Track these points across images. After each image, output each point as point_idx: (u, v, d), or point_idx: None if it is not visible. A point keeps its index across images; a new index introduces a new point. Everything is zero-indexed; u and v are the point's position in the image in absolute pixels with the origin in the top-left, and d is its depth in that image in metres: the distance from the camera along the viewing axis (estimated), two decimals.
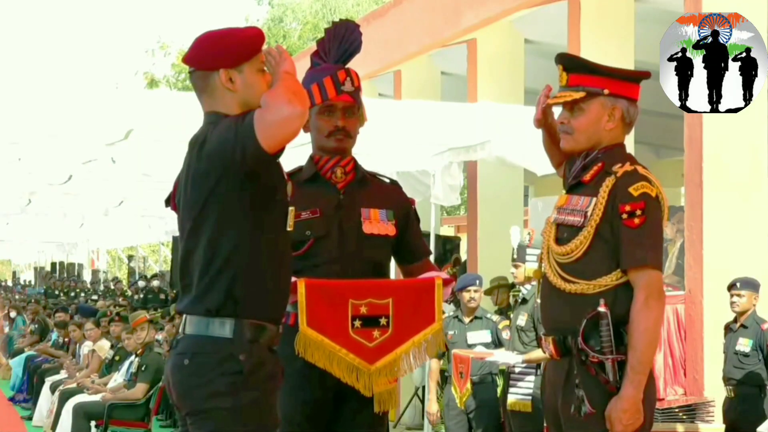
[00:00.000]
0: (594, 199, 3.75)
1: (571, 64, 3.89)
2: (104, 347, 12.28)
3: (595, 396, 3.67)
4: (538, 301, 4.25)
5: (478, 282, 8.60)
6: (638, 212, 3.68)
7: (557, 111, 3.99)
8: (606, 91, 3.81)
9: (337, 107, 4.17)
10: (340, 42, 4.23)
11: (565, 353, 3.76)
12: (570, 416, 3.73)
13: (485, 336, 8.49)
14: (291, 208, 3.55)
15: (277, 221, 3.50)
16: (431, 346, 4.12)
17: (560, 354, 3.79)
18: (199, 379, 3.43)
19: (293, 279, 3.87)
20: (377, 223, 4.23)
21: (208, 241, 3.43)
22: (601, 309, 3.64)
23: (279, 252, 3.50)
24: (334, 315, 4.02)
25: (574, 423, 3.73)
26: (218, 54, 3.48)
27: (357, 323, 4.04)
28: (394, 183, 4.41)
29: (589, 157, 3.84)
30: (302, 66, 3.65)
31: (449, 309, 8.80)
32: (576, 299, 3.74)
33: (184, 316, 3.52)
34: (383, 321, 4.05)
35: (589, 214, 3.74)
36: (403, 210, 4.32)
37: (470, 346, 8.42)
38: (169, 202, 3.66)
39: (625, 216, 3.69)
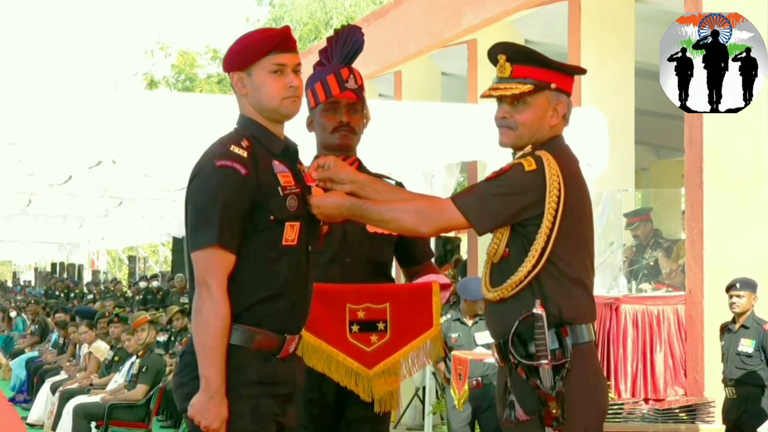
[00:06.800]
0: None
1: (516, 54, 3.64)
2: (100, 348, 12.23)
3: (527, 402, 3.45)
4: None
5: None
6: (498, 170, 3.56)
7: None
8: (553, 85, 3.60)
9: (341, 104, 4.17)
10: (343, 45, 4.23)
11: (506, 359, 3.53)
12: (505, 422, 3.56)
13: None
14: (289, 224, 3.40)
15: (268, 233, 3.37)
16: (430, 351, 4.11)
17: (503, 360, 3.56)
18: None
19: None
20: None
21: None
22: (536, 311, 3.40)
23: (270, 262, 3.37)
24: (332, 319, 4.01)
25: (509, 429, 3.55)
26: (231, 57, 3.47)
27: (354, 328, 4.04)
28: (399, 184, 4.40)
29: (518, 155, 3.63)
30: (302, 65, 3.62)
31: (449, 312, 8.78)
32: (505, 305, 3.53)
33: None
34: (381, 326, 4.05)
35: None
36: None
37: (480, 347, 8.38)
38: None
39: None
